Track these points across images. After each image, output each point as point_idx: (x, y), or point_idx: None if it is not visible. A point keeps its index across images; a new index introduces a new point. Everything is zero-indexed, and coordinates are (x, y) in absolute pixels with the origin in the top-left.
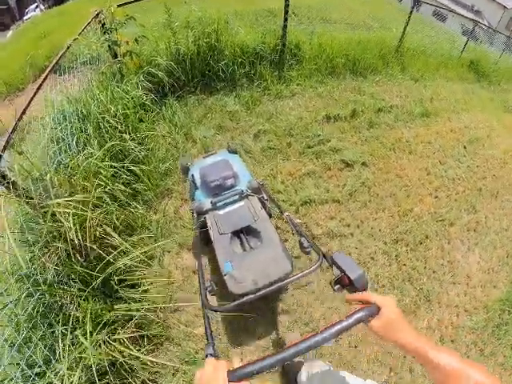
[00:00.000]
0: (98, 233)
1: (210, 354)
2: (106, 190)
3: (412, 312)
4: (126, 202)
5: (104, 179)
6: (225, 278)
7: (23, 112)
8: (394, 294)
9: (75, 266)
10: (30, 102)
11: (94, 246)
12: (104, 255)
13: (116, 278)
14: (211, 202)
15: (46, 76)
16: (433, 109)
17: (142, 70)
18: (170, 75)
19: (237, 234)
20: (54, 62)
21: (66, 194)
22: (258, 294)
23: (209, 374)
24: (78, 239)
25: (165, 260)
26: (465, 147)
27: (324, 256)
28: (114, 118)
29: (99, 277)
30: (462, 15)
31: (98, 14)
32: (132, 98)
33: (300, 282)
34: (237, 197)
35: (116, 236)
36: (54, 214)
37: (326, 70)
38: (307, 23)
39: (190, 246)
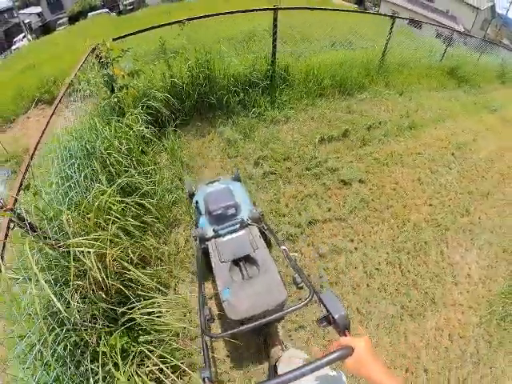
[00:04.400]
0: (116, 268)
1: (207, 378)
2: (119, 225)
3: (419, 314)
4: (139, 236)
5: (116, 215)
6: (223, 304)
7: (35, 150)
8: (399, 301)
9: (99, 303)
10: (39, 141)
11: (115, 282)
12: (124, 290)
13: (139, 311)
14: (213, 230)
15: (53, 112)
16: (419, 120)
17: (140, 101)
18: (166, 106)
19: (236, 262)
20: (60, 97)
21: (83, 233)
22: (252, 324)
23: None
24: (102, 276)
25: (180, 289)
26: (453, 154)
27: (315, 292)
28: (119, 152)
29: (122, 311)
30: (439, 25)
31: (94, 49)
32: (134, 132)
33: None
34: (238, 226)
35: (134, 270)
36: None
37: (315, 92)
38: (291, 43)
39: None
